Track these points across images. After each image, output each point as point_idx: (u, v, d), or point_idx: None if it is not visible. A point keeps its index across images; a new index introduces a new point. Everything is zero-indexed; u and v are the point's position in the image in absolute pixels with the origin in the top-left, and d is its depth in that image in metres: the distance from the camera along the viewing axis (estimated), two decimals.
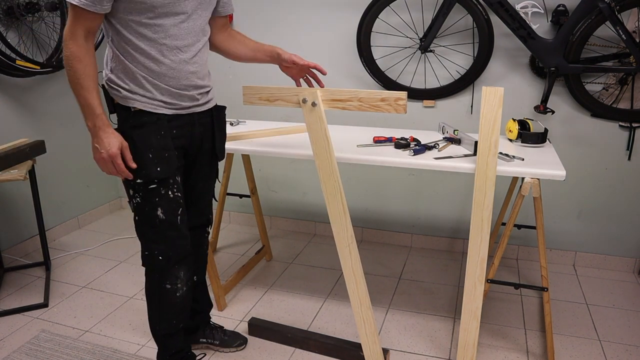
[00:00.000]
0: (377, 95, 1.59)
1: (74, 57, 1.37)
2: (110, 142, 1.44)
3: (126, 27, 1.42)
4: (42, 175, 2.85)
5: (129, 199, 1.60)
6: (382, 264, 2.77)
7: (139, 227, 1.62)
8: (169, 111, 1.54)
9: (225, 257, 2.86)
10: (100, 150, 1.44)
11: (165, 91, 1.51)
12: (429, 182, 2.85)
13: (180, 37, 1.48)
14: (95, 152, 1.46)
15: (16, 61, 2.49)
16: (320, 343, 2.00)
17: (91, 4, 1.34)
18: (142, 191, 1.55)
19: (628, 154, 2.51)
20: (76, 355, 1.96)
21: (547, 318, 1.87)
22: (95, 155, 1.47)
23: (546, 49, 2.30)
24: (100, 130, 1.43)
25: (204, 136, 1.68)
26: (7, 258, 2.70)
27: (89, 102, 1.40)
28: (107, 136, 1.44)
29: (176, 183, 1.59)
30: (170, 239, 1.60)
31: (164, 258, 1.60)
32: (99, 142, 1.44)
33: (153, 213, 1.56)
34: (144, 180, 1.52)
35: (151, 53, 1.45)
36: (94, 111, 1.41)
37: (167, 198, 1.57)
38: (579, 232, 2.71)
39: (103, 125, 1.43)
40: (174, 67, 1.50)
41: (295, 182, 3.10)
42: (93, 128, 1.43)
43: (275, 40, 2.83)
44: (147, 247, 1.62)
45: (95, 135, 1.44)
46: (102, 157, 1.45)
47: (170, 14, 1.44)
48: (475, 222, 1.67)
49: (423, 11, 2.55)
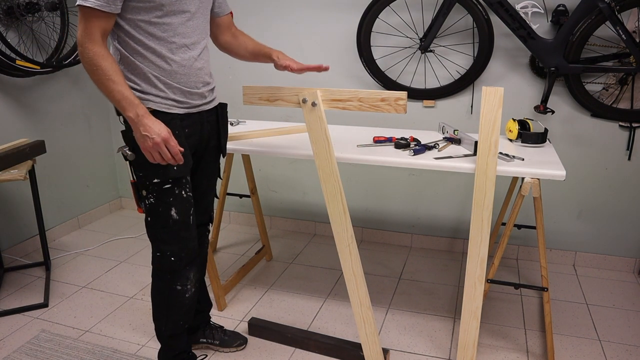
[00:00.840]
0: (377, 95, 1.59)
1: (98, 56, 1.38)
2: (159, 127, 1.44)
3: (135, 27, 1.44)
4: (42, 175, 2.85)
5: (140, 200, 1.59)
6: (382, 264, 2.77)
7: (151, 228, 1.61)
8: (181, 110, 1.56)
9: (225, 257, 2.86)
10: (152, 136, 1.42)
11: (177, 90, 1.53)
12: (429, 182, 2.85)
13: (187, 35, 1.51)
14: (145, 141, 1.43)
15: (16, 61, 2.49)
16: (320, 343, 2.00)
17: (106, 4, 1.36)
18: (157, 191, 1.55)
19: (628, 154, 2.51)
20: (76, 355, 1.96)
21: (547, 318, 1.87)
22: (145, 144, 1.44)
23: (546, 49, 2.30)
24: (144, 118, 1.42)
25: (210, 134, 1.70)
26: (7, 258, 2.70)
27: (125, 95, 1.40)
28: (154, 122, 1.44)
29: (188, 183, 1.60)
30: (183, 240, 1.61)
31: (176, 259, 1.61)
32: (148, 130, 1.42)
33: (167, 213, 1.57)
34: (161, 179, 1.53)
35: (162, 51, 1.47)
36: (132, 101, 1.41)
37: (180, 198, 1.58)
38: (579, 232, 2.71)
39: (145, 113, 1.43)
40: (184, 64, 1.52)
41: (295, 182, 3.10)
42: (137, 117, 1.42)
43: (275, 39, 2.83)
44: (159, 248, 1.62)
45: (140, 124, 1.42)
46: (156, 143, 1.43)
47: (177, 13, 1.46)
48: (475, 222, 1.67)
49: (423, 11, 2.55)
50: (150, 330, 2.13)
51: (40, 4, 2.61)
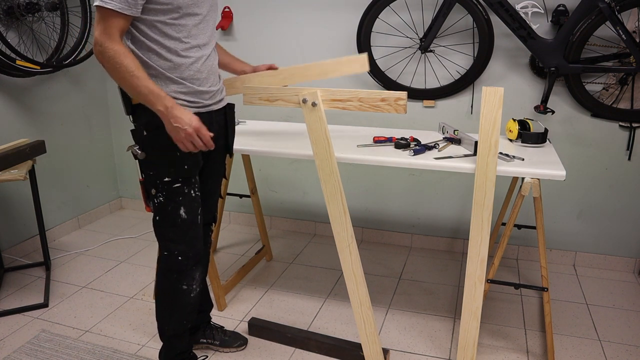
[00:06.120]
0: (377, 95, 1.59)
1: (120, 54, 1.40)
2: (189, 117, 1.46)
3: (151, 27, 1.47)
4: (42, 175, 2.85)
5: (149, 199, 1.60)
6: (382, 264, 2.77)
7: (159, 227, 1.62)
8: (191, 110, 1.57)
9: (225, 257, 2.86)
10: (184, 127, 1.45)
11: (188, 89, 1.55)
12: (429, 182, 2.85)
13: (199, 36, 1.55)
14: (178, 132, 1.46)
15: (16, 61, 2.49)
16: (320, 343, 2.00)
17: (127, 8, 1.39)
18: (166, 190, 1.57)
19: (628, 154, 2.51)
20: (76, 355, 1.96)
21: (547, 318, 1.87)
22: (178, 135, 1.47)
23: (546, 49, 2.30)
24: (174, 109, 1.45)
25: (218, 134, 1.72)
26: (7, 258, 2.70)
27: (151, 89, 1.43)
28: (183, 113, 1.46)
29: (197, 182, 1.62)
30: (191, 239, 1.62)
31: (183, 258, 1.62)
32: (179, 121, 1.45)
33: (176, 212, 1.58)
34: (172, 178, 1.55)
35: (176, 50, 1.51)
36: (159, 95, 1.44)
37: (189, 197, 1.59)
38: (579, 232, 2.71)
39: (174, 104, 1.46)
40: (196, 63, 1.56)
41: (295, 182, 3.10)
42: (166, 110, 1.44)
43: (275, 39, 2.84)
44: (167, 248, 1.63)
45: (171, 116, 1.45)
46: (188, 134, 1.46)
47: (191, 15, 1.50)
48: (475, 222, 1.67)
49: (423, 11, 2.55)
50: (150, 330, 2.14)
51: (40, 4, 2.61)
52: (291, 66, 1.91)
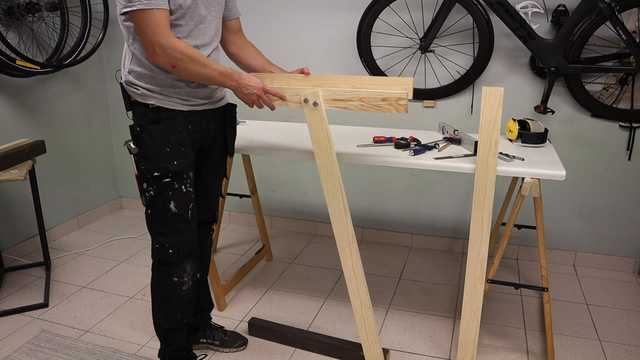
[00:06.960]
0: (379, 95, 1.59)
1: (182, 48, 1.45)
2: (255, 81, 1.58)
3: None
4: (42, 175, 2.85)
5: (142, 193, 1.64)
6: (382, 264, 2.77)
7: (151, 220, 1.66)
8: (185, 107, 1.60)
9: (225, 257, 2.86)
10: (254, 92, 1.58)
11: (183, 87, 1.58)
12: (429, 182, 2.85)
13: (199, 37, 1.57)
14: (249, 97, 1.59)
15: (16, 61, 2.49)
16: (320, 343, 2.00)
17: (163, 2, 1.42)
18: (157, 184, 1.60)
19: (628, 154, 2.51)
20: (76, 355, 1.96)
21: (547, 318, 1.87)
22: (250, 99, 1.60)
23: (546, 49, 2.30)
24: (242, 79, 1.56)
25: (217, 133, 1.75)
26: (7, 258, 2.70)
27: (220, 70, 1.53)
28: (249, 79, 1.57)
29: (189, 178, 1.64)
30: (181, 233, 1.65)
31: (174, 251, 1.65)
32: (248, 87, 1.57)
33: (166, 206, 1.61)
34: (161, 173, 1.57)
35: None
36: (227, 71, 1.54)
37: (180, 192, 1.61)
38: (579, 232, 2.71)
39: (241, 74, 1.57)
40: None
41: (295, 182, 3.10)
42: (237, 84, 1.56)
43: (275, 39, 2.83)
44: (158, 240, 1.66)
45: (242, 86, 1.57)
46: (258, 95, 1.59)
47: (192, 16, 1.52)
48: (475, 222, 1.67)
49: (423, 11, 2.55)
50: (150, 330, 2.13)
51: (40, 4, 2.61)
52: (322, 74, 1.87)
